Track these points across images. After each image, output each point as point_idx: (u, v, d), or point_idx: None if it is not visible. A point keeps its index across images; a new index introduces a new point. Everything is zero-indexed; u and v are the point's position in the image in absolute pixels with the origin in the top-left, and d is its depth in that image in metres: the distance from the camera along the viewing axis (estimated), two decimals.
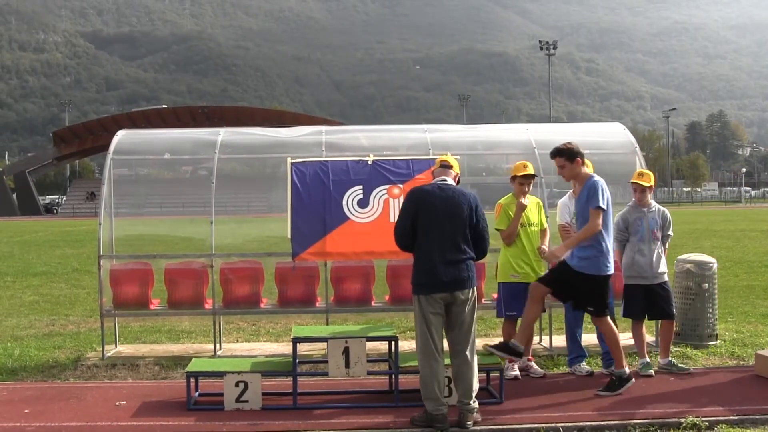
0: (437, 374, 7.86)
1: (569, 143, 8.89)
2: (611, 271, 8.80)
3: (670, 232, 10.03)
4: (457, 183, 8.27)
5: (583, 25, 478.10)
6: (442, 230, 7.86)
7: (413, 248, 8.00)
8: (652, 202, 9.96)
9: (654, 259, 9.76)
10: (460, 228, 7.92)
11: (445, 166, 8.27)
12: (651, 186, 9.88)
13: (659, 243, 9.84)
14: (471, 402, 7.90)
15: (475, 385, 7.97)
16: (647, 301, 9.80)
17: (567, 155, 8.81)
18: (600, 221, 8.56)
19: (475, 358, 8.05)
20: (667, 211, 10.03)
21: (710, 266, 11.53)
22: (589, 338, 10.61)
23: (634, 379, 9.03)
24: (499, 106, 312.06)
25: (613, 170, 11.15)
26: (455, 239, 7.89)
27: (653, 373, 9.63)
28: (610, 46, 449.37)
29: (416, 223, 7.92)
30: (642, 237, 9.78)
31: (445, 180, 8.16)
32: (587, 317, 9.65)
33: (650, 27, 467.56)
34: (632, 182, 9.97)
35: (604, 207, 8.58)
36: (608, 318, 8.97)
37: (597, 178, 8.76)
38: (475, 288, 8.04)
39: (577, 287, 8.80)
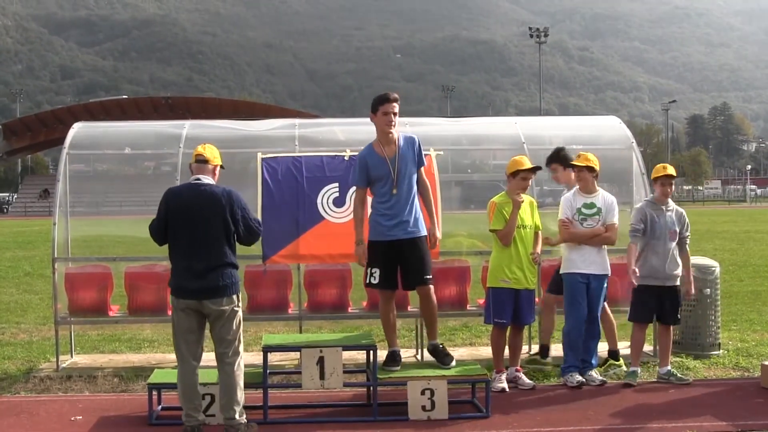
0: (185, 379, 7.95)
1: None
2: None
3: (688, 233, 10.12)
4: (216, 175, 8.24)
5: (576, 11, 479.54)
6: (192, 235, 7.88)
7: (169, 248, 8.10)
8: (669, 201, 10.05)
9: (669, 259, 9.88)
10: (214, 232, 7.91)
11: (201, 161, 8.16)
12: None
13: (674, 243, 9.93)
14: (236, 416, 7.93)
15: (240, 399, 8.00)
16: (658, 303, 9.89)
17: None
18: None
19: (241, 371, 8.10)
20: (684, 212, 10.13)
21: (712, 270, 11.58)
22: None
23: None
24: (485, 97, 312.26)
25: (608, 167, 11.20)
26: (208, 244, 7.90)
27: (635, 384, 9.70)
28: (606, 33, 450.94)
29: (167, 225, 7.96)
30: (659, 235, 9.87)
31: (199, 178, 8.08)
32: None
33: (649, 13, 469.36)
34: (659, 177, 10.02)
35: None
36: None
37: None
38: (236, 296, 8.02)
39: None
